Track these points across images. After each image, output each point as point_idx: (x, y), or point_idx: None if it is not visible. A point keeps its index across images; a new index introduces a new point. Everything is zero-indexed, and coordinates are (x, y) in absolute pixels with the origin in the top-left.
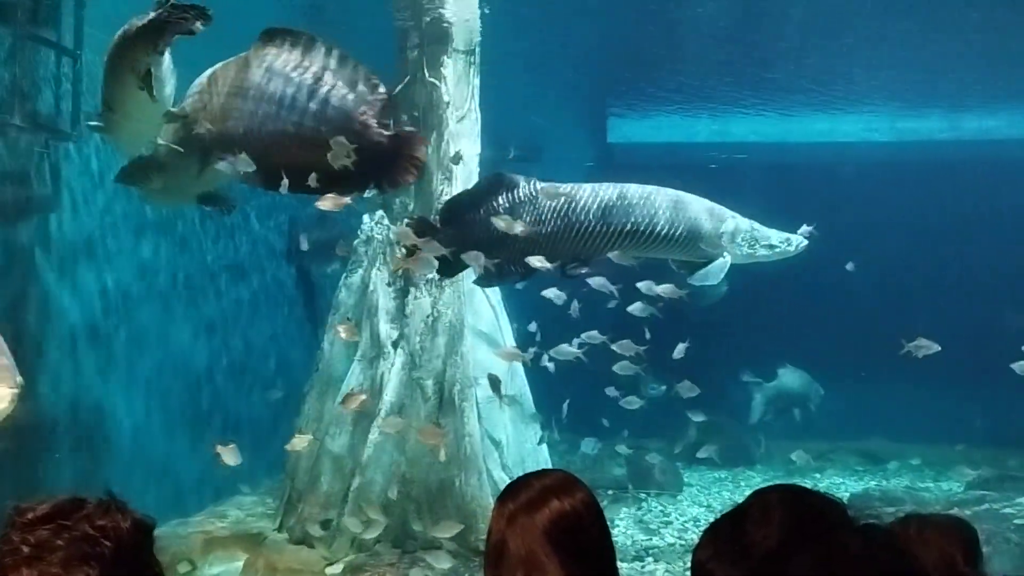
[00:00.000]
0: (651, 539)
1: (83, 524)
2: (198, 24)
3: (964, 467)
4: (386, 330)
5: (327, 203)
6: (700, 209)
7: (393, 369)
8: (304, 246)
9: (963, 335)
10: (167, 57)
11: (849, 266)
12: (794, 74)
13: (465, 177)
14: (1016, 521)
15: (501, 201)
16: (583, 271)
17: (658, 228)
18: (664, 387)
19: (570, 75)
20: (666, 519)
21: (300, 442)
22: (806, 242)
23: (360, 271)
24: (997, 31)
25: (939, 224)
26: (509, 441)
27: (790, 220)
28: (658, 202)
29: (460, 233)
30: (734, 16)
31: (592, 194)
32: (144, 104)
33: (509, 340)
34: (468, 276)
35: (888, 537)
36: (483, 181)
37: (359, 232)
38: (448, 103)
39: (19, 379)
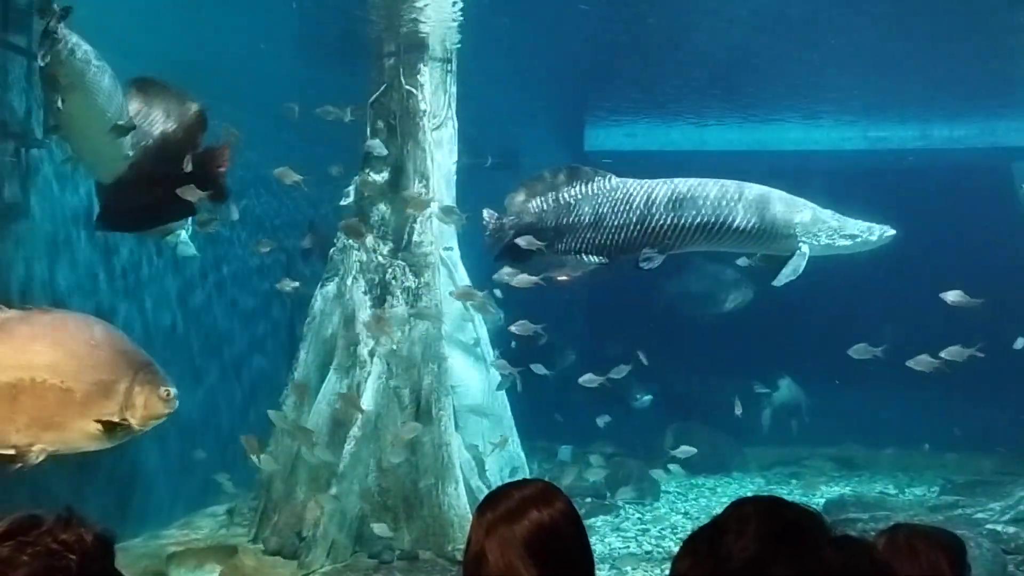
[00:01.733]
0: (629, 546)
1: (45, 539)
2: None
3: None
4: (362, 339)
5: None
6: (775, 201)
7: (370, 378)
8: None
9: (935, 341)
10: (106, 71)
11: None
12: (768, 84)
13: (443, 186)
14: (988, 526)
15: (574, 192)
16: (655, 263)
17: (730, 221)
18: (650, 397)
19: (547, 84)
20: (644, 526)
21: (268, 463)
22: (891, 231)
23: (336, 280)
24: (961, 41)
25: (911, 231)
26: (487, 450)
27: None
28: (730, 195)
29: (528, 220)
30: (709, 26)
31: (664, 188)
32: (84, 118)
33: (487, 348)
34: (444, 285)
35: (864, 548)
36: (558, 170)
37: (335, 241)
38: (425, 111)
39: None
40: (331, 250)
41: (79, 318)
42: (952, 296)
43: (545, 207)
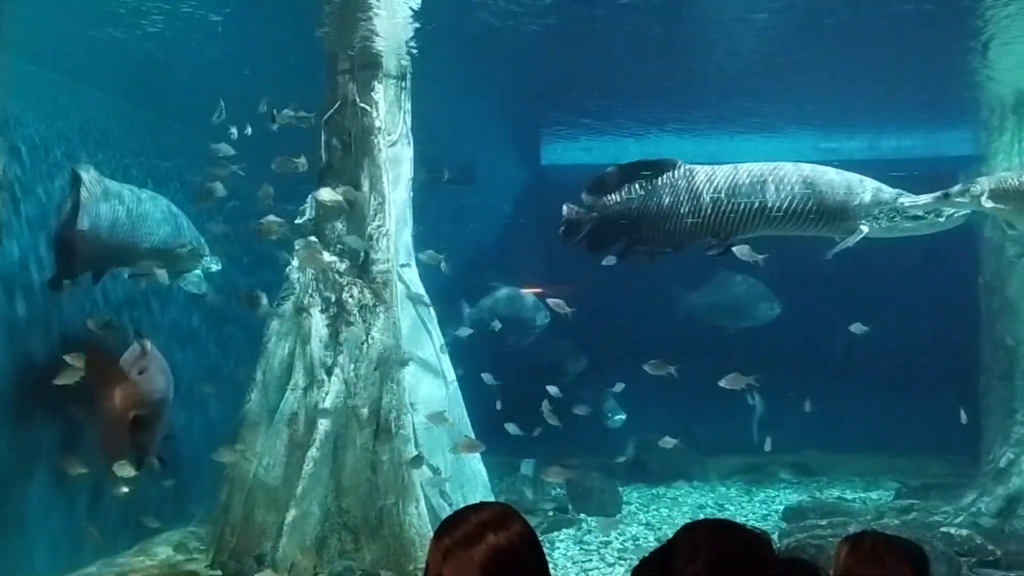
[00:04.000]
0: (591, 559)
1: None
2: None
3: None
4: (320, 358)
5: None
6: (834, 183)
7: (328, 397)
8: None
9: (885, 349)
10: None
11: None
12: (721, 98)
13: (398, 204)
14: (943, 529)
15: (644, 185)
16: (721, 252)
17: (787, 205)
18: (624, 416)
19: (503, 99)
20: (606, 539)
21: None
22: (962, 213)
23: (292, 298)
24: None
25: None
26: (448, 467)
27: None
28: (787, 179)
29: (605, 212)
30: (661, 41)
31: (724, 174)
32: None
33: (447, 365)
34: (404, 301)
35: (812, 570)
36: (629, 165)
37: (290, 258)
38: (380, 128)
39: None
40: (287, 268)
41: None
42: (741, 252)
43: (618, 200)
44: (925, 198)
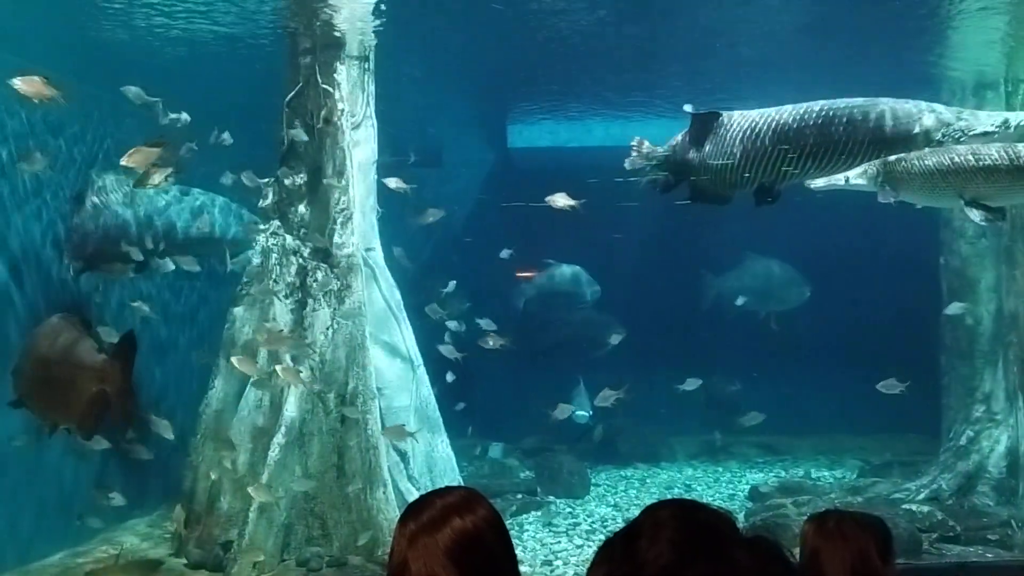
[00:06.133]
0: (559, 541)
1: None
2: None
3: (854, 455)
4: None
5: None
6: (889, 113)
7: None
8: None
9: (847, 329)
10: None
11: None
12: (685, 81)
13: (364, 186)
14: (904, 506)
15: (710, 133)
16: (773, 200)
17: (844, 140)
18: (587, 414)
19: (468, 81)
20: (574, 521)
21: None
22: None
23: (256, 284)
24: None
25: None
26: (415, 452)
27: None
28: (839, 113)
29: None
30: (624, 24)
31: (766, 119)
32: None
33: (412, 348)
34: (369, 284)
35: (776, 549)
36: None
37: (254, 243)
38: (343, 110)
39: None
40: (250, 252)
41: None
42: (559, 200)
43: (682, 146)
44: (991, 114)
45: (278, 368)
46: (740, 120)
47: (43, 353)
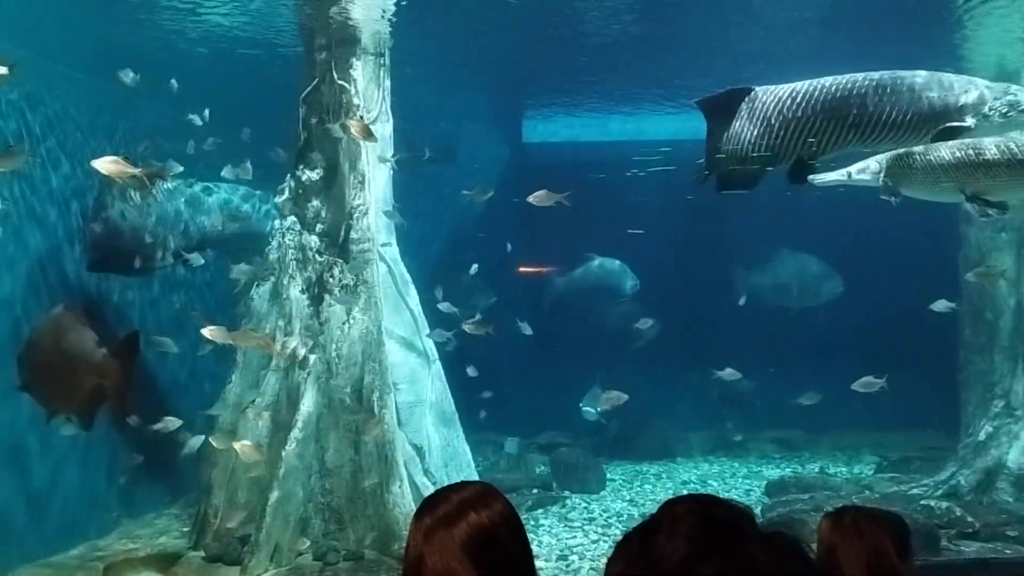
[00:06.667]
0: (575, 536)
1: None
2: None
3: (872, 451)
4: (301, 338)
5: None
6: (933, 85)
7: (309, 378)
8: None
9: (866, 325)
10: None
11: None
12: (701, 74)
13: (379, 181)
14: (922, 502)
15: (740, 110)
16: (804, 178)
17: (884, 112)
18: (596, 411)
19: (483, 76)
20: (590, 515)
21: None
22: None
23: (272, 279)
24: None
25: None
26: (431, 446)
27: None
28: (880, 86)
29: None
30: (642, 18)
31: (806, 88)
32: None
33: (428, 344)
34: (385, 280)
35: (794, 544)
36: (723, 95)
37: (270, 239)
38: (358, 105)
39: None
40: (266, 248)
41: None
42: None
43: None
44: None
45: (231, 335)
46: (776, 91)
47: (46, 344)
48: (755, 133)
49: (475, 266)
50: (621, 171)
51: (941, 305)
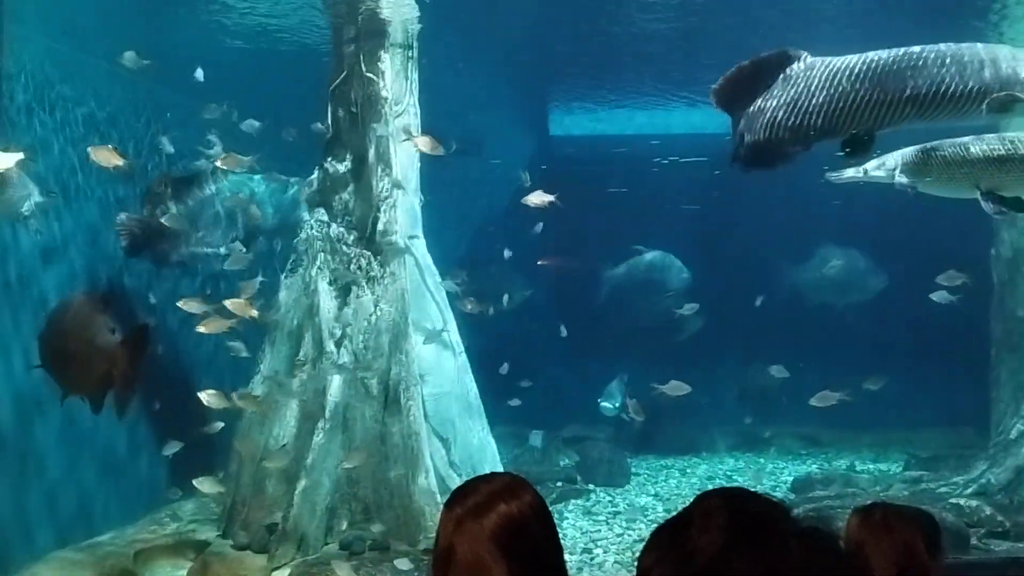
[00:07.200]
0: (599, 530)
1: None
2: None
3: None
4: (328, 330)
5: None
6: (997, 57)
7: (337, 369)
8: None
9: (895, 321)
10: None
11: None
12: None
13: (407, 174)
14: (951, 500)
15: (775, 79)
16: (863, 151)
17: (946, 86)
18: (614, 406)
19: (511, 68)
20: (614, 509)
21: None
22: None
23: (300, 270)
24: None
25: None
26: (457, 438)
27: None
28: (935, 57)
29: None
30: (669, 14)
31: (861, 61)
32: None
33: (455, 336)
34: (412, 272)
35: (829, 540)
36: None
37: (299, 231)
38: (387, 98)
39: None
40: (295, 240)
41: None
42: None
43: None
44: None
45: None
46: (826, 62)
47: (63, 326)
48: (814, 103)
49: (508, 252)
50: (647, 165)
51: (940, 296)
